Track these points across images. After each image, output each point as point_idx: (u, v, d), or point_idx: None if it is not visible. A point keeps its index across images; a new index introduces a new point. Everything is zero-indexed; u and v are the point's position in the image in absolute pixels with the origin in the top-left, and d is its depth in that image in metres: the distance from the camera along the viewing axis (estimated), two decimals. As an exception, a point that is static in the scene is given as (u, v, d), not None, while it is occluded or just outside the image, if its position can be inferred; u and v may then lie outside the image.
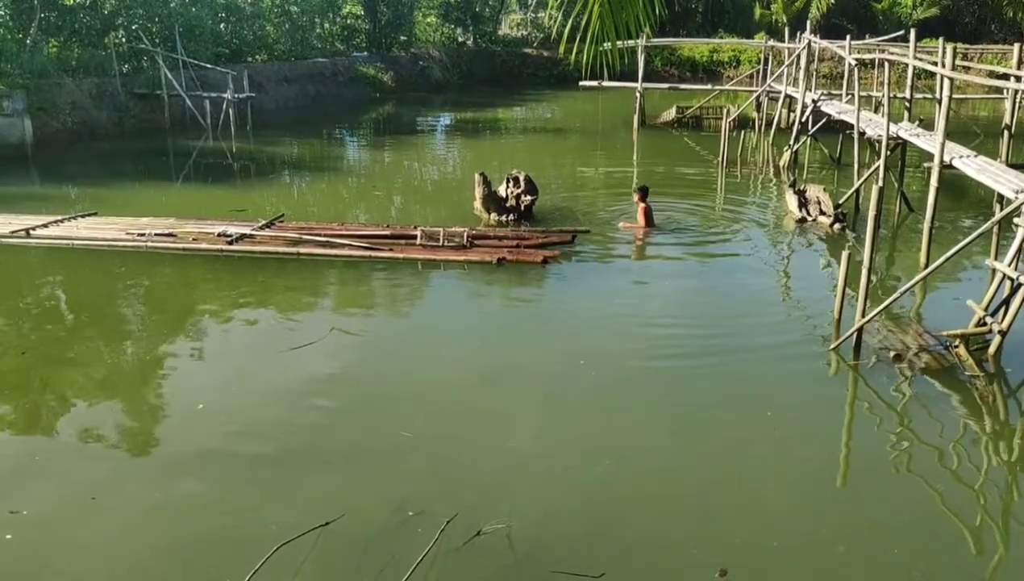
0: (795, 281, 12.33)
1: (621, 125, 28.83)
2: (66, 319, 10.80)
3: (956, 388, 8.39)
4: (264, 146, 24.76)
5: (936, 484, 6.78)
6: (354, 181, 20.27)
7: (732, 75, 40.60)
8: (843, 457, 7.36)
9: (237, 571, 5.35)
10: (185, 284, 11.78)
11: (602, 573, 5.50)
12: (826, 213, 14.81)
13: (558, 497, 6.53)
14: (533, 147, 25.96)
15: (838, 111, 20.52)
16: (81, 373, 8.93)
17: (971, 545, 6.07)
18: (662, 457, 7.21)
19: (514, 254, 12.17)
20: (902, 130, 15.41)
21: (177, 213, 14.59)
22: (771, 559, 5.80)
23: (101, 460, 7.17)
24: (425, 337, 9.91)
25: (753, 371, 8.87)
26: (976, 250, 12.02)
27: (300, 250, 12.43)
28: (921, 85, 22.26)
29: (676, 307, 10.84)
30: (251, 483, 6.72)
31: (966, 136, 20.16)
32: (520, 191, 14.81)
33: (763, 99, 26.50)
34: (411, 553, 5.58)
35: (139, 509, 6.36)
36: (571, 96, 37.54)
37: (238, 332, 10.13)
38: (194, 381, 8.69)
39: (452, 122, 32.57)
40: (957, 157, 12.58)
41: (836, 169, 20.48)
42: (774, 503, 6.50)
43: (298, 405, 8.02)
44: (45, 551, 5.88)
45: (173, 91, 26.59)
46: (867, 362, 8.95)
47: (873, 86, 23.38)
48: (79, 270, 12.45)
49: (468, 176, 16.76)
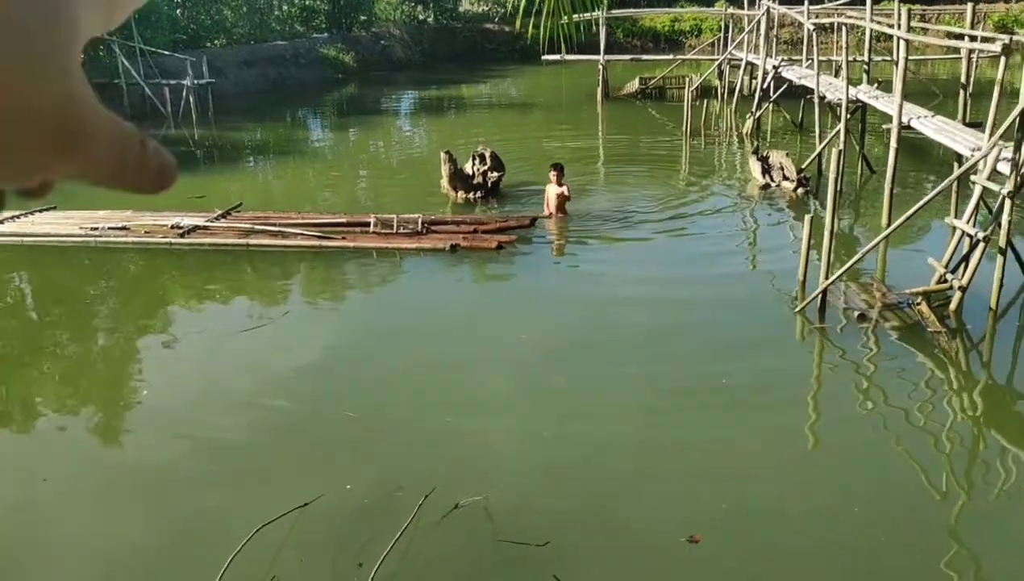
0: (760, 246, 12.48)
1: (585, 98, 28.82)
2: (29, 314, 10.71)
3: (920, 345, 8.57)
4: (226, 132, 24.48)
5: (903, 441, 6.95)
6: (319, 164, 20.14)
7: (694, 44, 40.65)
8: (811, 419, 7.50)
9: (216, 556, 5.38)
10: (148, 275, 11.72)
11: (546, 542, 5.60)
12: (789, 178, 14.95)
13: (533, 470, 6.61)
14: (498, 123, 25.89)
15: (799, 76, 20.68)
16: (47, 365, 8.87)
17: (937, 500, 6.22)
18: (631, 429, 7.29)
19: (468, 240, 11.97)
20: (861, 93, 15.58)
21: (140, 203, 14.43)
22: (740, 524, 5.91)
23: (70, 451, 7.16)
24: (386, 321, 9.94)
25: (720, 336, 9.00)
26: (938, 210, 12.24)
27: (250, 242, 12.22)
28: (880, 48, 22.48)
29: (640, 279, 10.91)
30: (224, 468, 6.75)
31: (926, 97, 20.39)
32: (487, 168, 14.80)
33: (725, 67, 26.61)
34: (390, 529, 5.64)
35: (112, 499, 6.37)
36: (534, 71, 37.44)
37: (197, 319, 10.14)
38: (155, 370, 8.69)
39: (416, 101, 32.37)
40: (915, 118, 12.77)
41: (799, 134, 20.65)
42: (743, 467, 6.61)
43: (265, 390, 8.03)
44: (15, 544, 5.87)
45: (131, 79, 26.17)
46: (833, 323, 9.11)
47: (833, 51, 23.55)
48: (42, 265, 12.31)
49: (434, 154, 16.71)
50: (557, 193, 13.24)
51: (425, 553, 5.56)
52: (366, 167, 19.98)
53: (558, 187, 13.24)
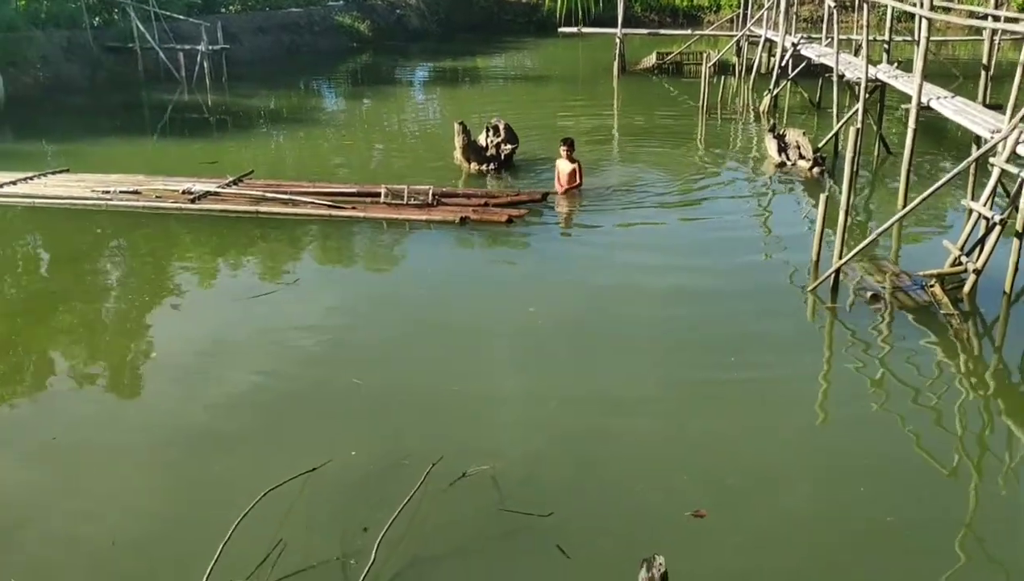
0: (774, 225, 12.39)
1: (601, 72, 28.59)
2: (41, 274, 10.75)
3: (932, 327, 8.52)
4: (240, 99, 24.41)
5: (911, 421, 6.93)
6: (331, 133, 20.07)
7: (712, 20, 40.27)
8: (821, 398, 7.48)
9: (224, 518, 5.41)
10: (160, 239, 11.71)
11: (550, 512, 5.62)
12: (805, 157, 14.84)
13: (540, 441, 6.62)
14: (513, 95, 25.75)
15: (818, 54, 20.46)
16: (57, 326, 8.92)
17: (945, 482, 6.21)
18: (641, 402, 7.28)
19: (478, 213, 11.93)
20: (881, 72, 15.40)
21: (152, 167, 14.45)
22: (745, 500, 5.92)
23: (79, 411, 7.22)
24: (395, 291, 9.97)
25: (730, 313, 8.97)
26: (955, 191, 12.13)
27: (260, 209, 12.21)
28: (901, 28, 22.18)
29: (651, 253, 10.85)
30: (232, 431, 6.79)
31: (946, 78, 20.16)
32: (500, 140, 14.73)
33: (743, 44, 26.36)
34: (398, 495, 5.67)
35: (121, 460, 6.42)
36: (551, 43, 37.18)
37: (207, 284, 10.21)
38: (165, 333, 8.74)
39: (431, 71, 32.19)
40: (935, 98, 12.62)
41: (816, 113, 20.46)
42: (750, 444, 6.61)
43: (273, 355, 8.07)
44: (22, 501, 5.93)
45: (146, 44, 26.10)
46: (845, 303, 9.06)
47: (853, 29, 23.27)
48: (54, 226, 12.35)
49: (448, 126, 16.63)
50: (568, 169, 13.15)
51: (432, 520, 5.59)
52: (379, 137, 19.91)
53: (569, 163, 13.15)
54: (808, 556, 5.42)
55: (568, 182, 13.16)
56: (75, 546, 5.50)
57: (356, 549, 5.28)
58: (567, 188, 13.15)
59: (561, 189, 13.17)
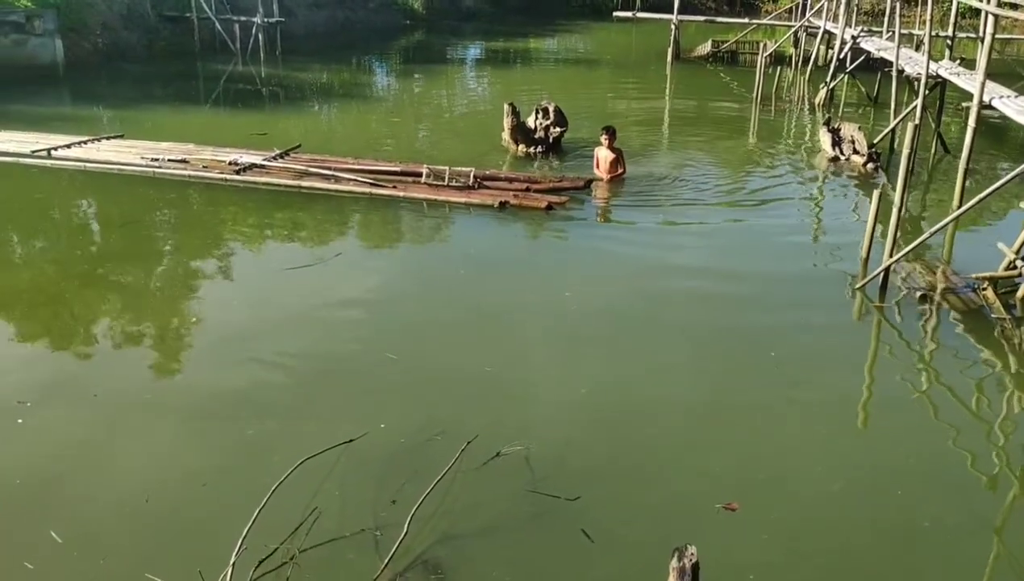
0: (824, 219, 12.19)
1: (655, 58, 28.30)
2: (93, 237, 10.97)
3: (981, 331, 8.32)
4: (292, 72, 24.61)
5: (955, 426, 6.77)
6: (381, 110, 20.15)
7: (771, 9, 39.63)
8: (864, 397, 7.34)
9: (259, 484, 5.49)
10: (207, 208, 11.91)
11: (577, 496, 5.61)
12: (859, 152, 14.55)
13: (571, 425, 6.60)
14: (564, 78, 25.60)
15: (878, 48, 20.03)
16: (104, 288, 9.11)
17: (985, 490, 6.05)
18: (679, 392, 7.21)
19: (519, 198, 11.81)
20: (942, 69, 15.03)
21: (203, 137, 14.61)
22: (779, 496, 5.84)
23: (122, 370, 7.34)
24: (433, 270, 9.97)
25: (773, 308, 8.85)
26: (1011, 194, 11.80)
27: (303, 184, 12.28)
28: (965, 24, 21.62)
29: (693, 245, 10.72)
30: (270, 399, 6.86)
31: (1009, 78, 19.53)
32: (549, 122, 14.66)
33: (801, 35, 25.89)
34: (432, 471, 5.70)
35: (161, 421, 6.52)
36: (605, 27, 36.89)
37: (251, 254, 10.43)
38: (208, 300, 8.89)
39: (483, 51, 32.14)
40: (997, 97, 12.28)
41: (872, 108, 20.05)
42: (787, 440, 6.52)
43: (313, 327, 8.16)
44: (62, 457, 6.07)
45: (203, 14, 26.39)
46: (893, 302, 8.89)
47: (915, 24, 22.73)
48: (105, 191, 12.58)
49: (497, 106, 16.59)
50: (610, 158, 13.01)
51: (463, 498, 5.61)
52: (427, 115, 19.94)
53: (610, 152, 13.01)
54: (839, 556, 5.33)
55: (610, 171, 13.03)
56: (110, 502, 5.60)
57: (388, 522, 5.32)
58: (610, 177, 13.03)
59: (604, 177, 13.07)
